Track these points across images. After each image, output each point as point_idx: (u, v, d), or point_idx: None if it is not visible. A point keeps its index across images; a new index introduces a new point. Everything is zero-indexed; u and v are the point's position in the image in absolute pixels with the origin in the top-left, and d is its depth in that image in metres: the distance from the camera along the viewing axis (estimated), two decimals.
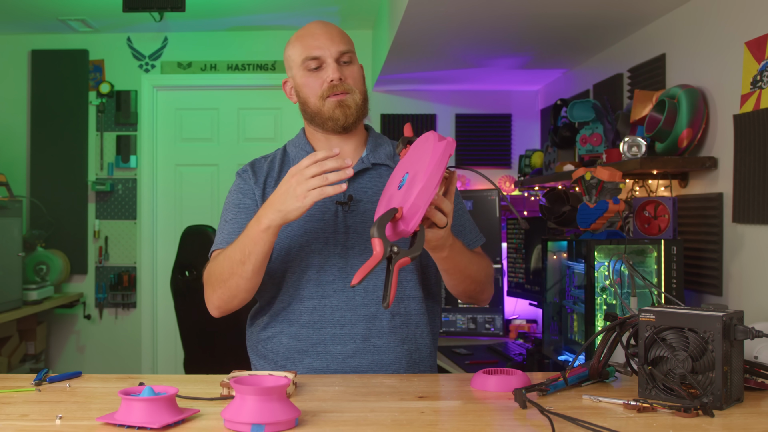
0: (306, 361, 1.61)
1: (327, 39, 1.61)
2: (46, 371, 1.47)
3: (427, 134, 1.40)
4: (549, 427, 1.12)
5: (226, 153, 4.65)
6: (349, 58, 1.63)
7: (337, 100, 1.61)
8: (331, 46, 1.61)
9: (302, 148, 1.71)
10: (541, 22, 3.00)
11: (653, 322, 1.31)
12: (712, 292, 2.45)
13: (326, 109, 1.62)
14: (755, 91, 2.20)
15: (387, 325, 1.62)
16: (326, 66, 1.61)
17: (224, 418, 1.13)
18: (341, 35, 1.64)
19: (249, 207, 1.65)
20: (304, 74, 1.63)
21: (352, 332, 1.60)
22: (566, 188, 2.98)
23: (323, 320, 1.61)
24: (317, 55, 1.60)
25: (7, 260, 3.75)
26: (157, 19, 3.97)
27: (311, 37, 1.62)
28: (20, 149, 4.54)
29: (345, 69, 1.62)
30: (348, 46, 1.64)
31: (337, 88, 1.60)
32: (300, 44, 1.64)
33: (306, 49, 1.62)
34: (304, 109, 1.67)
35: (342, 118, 1.62)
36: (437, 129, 4.58)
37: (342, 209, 1.63)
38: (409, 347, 1.65)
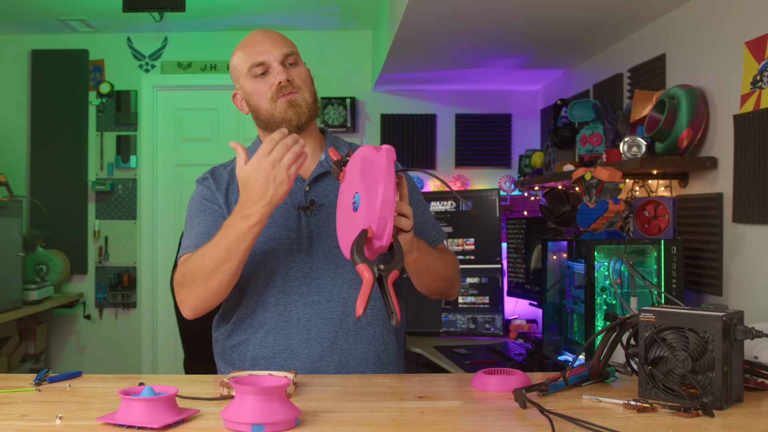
0: (273, 367, 1.62)
1: (269, 44, 1.62)
2: (46, 371, 1.47)
3: (359, 150, 1.41)
4: (549, 427, 1.12)
5: (226, 153, 4.64)
6: (294, 60, 1.64)
7: (288, 101, 1.61)
8: (275, 49, 1.62)
9: None
10: (541, 22, 3.00)
11: (653, 322, 1.31)
12: (712, 292, 2.45)
13: (278, 111, 1.61)
14: (755, 91, 2.20)
15: (353, 327, 1.63)
16: (272, 70, 1.62)
17: (224, 418, 1.13)
18: (283, 39, 1.66)
19: (216, 211, 1.65)
20: (251, 81, 1.63)
21: (319, 336, 1.61)
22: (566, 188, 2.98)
23: (289, 326, 1.61)
24: (262, 60, 1.61)
25: (7, 260, 3.75)
26: (157, 19, 3.97)
27: (254, 44, 1.64)
28: (20, 149, 4.54)
29: (291, 71, 1.63)
30: (291, 48, 1.65)
31: (285, 88, 1.60)
32: (243, 53, 1.65)
33: (250, 56, 1.63)
34: (256, 117, 1.67)
35: (295, 118, 1.62)
36: (437, 129, 4.58)
37: (305, 214, 1.64)
38: (376, 348, 1.66)
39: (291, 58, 1.64)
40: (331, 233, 1.63)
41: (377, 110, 4.55)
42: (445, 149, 4.57)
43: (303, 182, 1.67)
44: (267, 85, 1.62)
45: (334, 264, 1.62)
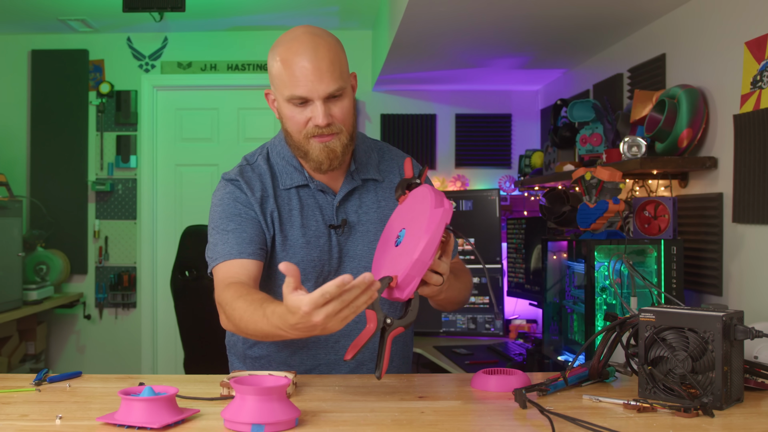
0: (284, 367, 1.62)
1: (315, 78, 1.45)
2: (46, 371, 1.47)
3: (425, 191, 1.36)
4: (549, 427, 1.12)
5: (226, 153, 4.65)
6: (340, 93, 1.49)
7: (323, 144, 1.50)
8: (320, 86, 1.46)
9: (289, 162, 1.61)
10: (541, 22, 3.00)
11: (653, 322, 1.31)
12: (712, 292, 2.45)
13: (311, 149, 1.51)
14: (755, 91, 2.20)
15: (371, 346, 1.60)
16: (313, 105, 1.48)
17: (224, 418, 1.13)
18: (331, 69, 1.47)
19: (253, 218, 1.56)
20: (288, 106, 1.50)
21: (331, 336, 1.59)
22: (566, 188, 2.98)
23: (317, 346, 1.60)
24: (304, 96, 1.47)
25: (7, 260, 3.75)
26: (157, 19, 3.97)
27: (300, 71, 1.46)
28: (20, 149, 4.54)
29: (334, 106, 1.49)
30: (338, 82, 1.48)
31: (323, 131, 1.49)
32: (287, 74, 1.47)
33: (291, 86, 1.47)
34: (286, 135, 1.57)
35: (326, 163, 1.52)
36: (437, 129, 4.57)
37: (335, 233, 1.59)
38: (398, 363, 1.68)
39: (337, 92, 1.49)
40: (359, 253, 1.59)
41: (377, 110, 4.55)
42: (445, 149, 4.57)
43: (333, 197, 1.60)
44: (304, 118, 1.49)
45: None
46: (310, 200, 1.60)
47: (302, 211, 1.59)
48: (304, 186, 1.60)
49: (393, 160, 1.71)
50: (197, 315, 3.78)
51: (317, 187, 1.60)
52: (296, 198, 1.59)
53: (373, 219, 1.62)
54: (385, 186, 1.66)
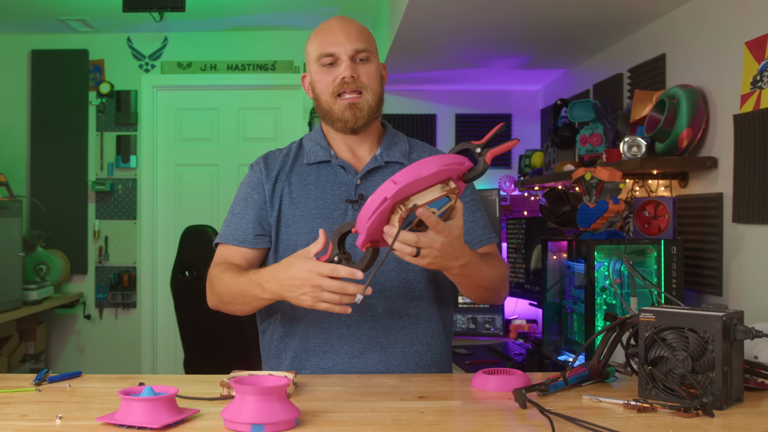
0: (313, 360, 1.61)
1: (343, 36, 1.59)
2: (46, 371, 1.47)
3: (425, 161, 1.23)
4: (549, 427, 1.12)
5: (226, 153, 4.65)
6: (366, 56, 1.61)
7: (349, 103, 1.59)
8: (347, 43, 1.59)
9: (318, 142, 1.70)
10: (541, 22, 3.00)
11: (653, 322, 1.31)
12: (712, 292, 2.45)
13: (337, 108, 1.61)
14: (755, 91, 2.20)
15: (395, 325, 1.60)
16: (340, 63, 1.59)
17: (224, 418, 1.13)
18: (359, 32, 1.61)
19: (256, 201, 1.66)
20: (318, 70, 1.62)
21: (359, 332, 1.60)
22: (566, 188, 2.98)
23: (330, 319, 1.60)
24: (332, 52, 1.59)
25: (7, 260, 3.75)
26: (157, 19, 3.98)
27: (328, 32, 1.61)
28: (20, 149, 4.54)
29: (360, 67, 1.60)
30: (365, 44, 1.61)
31: (348, 85, 1.58)
32: (317, 40, 1.62)
33: (322, 45, 1.60)
34: (317, 105, 1.66)
35: (351, 120, 1.61)
36: (437, 129, 4.57)
37: (352, 207, 1.62)
38: (419, 348, 1.63)
39: (363, 54, 1.60)
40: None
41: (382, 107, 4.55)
42: (445, 149, 4.56)
43: (355, 175, 1.65)
44: (332, 77, 1.60)
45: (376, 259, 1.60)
46: (330, 176, 1.66)
47: (319, 184, 1.65)
48: (326, 162, 1.67)
49: (424, 151, 1.75)
50: (197, 315, 3.78)
51: (339, 164, 1.65)
52: (316, 173, 1.66)
53: None
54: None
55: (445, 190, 1.24)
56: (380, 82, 1.66)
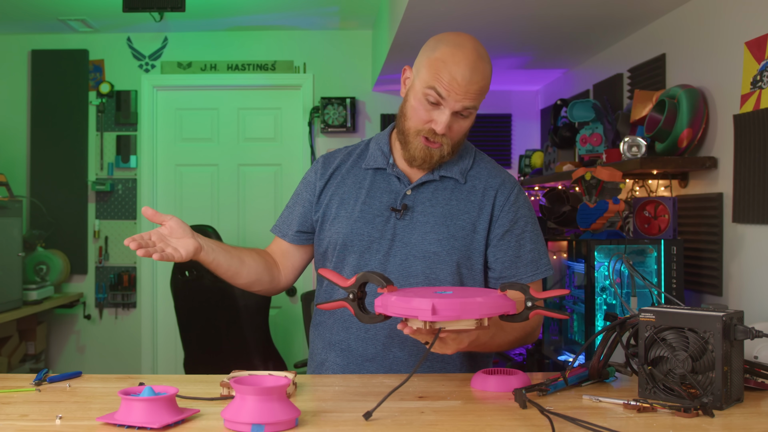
0: (333, 354, 1.64)
1: (462, 90, 1.48)
2: (46, 371, 1.47)
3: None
4: (549, 427, 1.12)
5: (226, 153, 4.65)
6: (469, 114, 1.54)
7: (427, 146, 1.56)
8: (461, 99, 1.49)
9: (381, 147, 1.68)
10: (541, 22, 3.00)
11: (653, 322, 1.31)
12: (712, 292, 2.45)
13: (413, 144, 1.57)
14: (755, 91, 2.20)
15: (411, 338, 1.57)
16: (442, 110, 1.51)
17: (224, 418, 1.13)
18: (478, 91, 1.50)
19: (305, 200, 1.71)
20: (420, 96, 1.53)
21: (375, 338, 1.60)
22: (566, 188, 2.98)
23: (352, 319, 1.62)
24: (443, 96, 1.49)
25: (7, 260, 3.75)
26: (157, 19, 3.97)
27: (451, 78, 1.48)
28: (20, 149, 4.54)
29: (456, 122, 1.53)
30: (475, 101, 1.51)
31: (435, 138, 1.54)
32: (437, 69, 1.50)
33: (437, 80, 1.49)
34: (400, 116, 1.61)
35: (419, 161, 1.58)
36: None
37: (395, 216, 1.61)
38: (432, 364, 1.62)
39: (467, 111, 1.53)
40: (412, 241, 1.60)
41: (377, 110, 4.55)
42: None
43: (408, 185, 1.64)
44: (427, 117, 1.53)
45: (407, 273, 1.60)
46: (383, 183, 1.66)
47: (370, 190, 1.65)
48: (382, 169, 1.67)
49: (486, 169, 1.69)
50: (197, 315, 3.78)
51: (394, 173, 1.65)
52: (370, 178, 1.67)
53: (437, 213, 1.62)
54: (465, 188, 1.64)
55: (476, 325, 1.27)
56: (467, 132, 1.60)
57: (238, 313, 3.61)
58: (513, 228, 1.61)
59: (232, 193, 4.65)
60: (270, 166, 4.61)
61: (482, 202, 1.62)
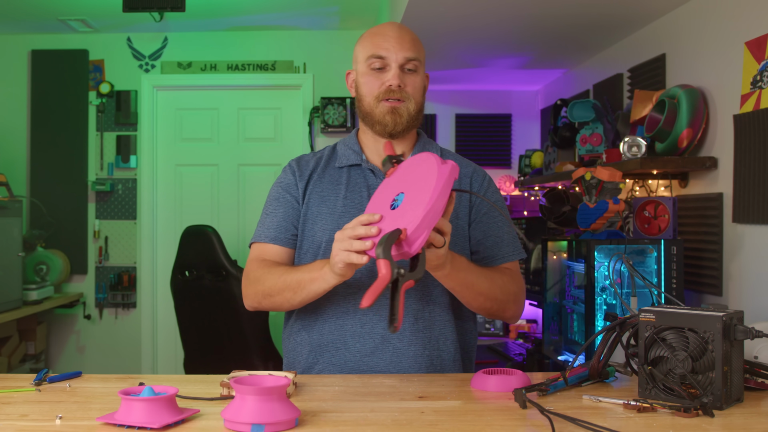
0: (326, 356, 1.62)
1: (396, 42, 1.61)
2: (46, 371, 1.47)
3: (425, 155, 1.38)
4: (549, 427, 1.12)
5: (226, 153, 4.65)
6: (414, 67, 1.62)
7: (391, 106, 1.61)
8: (399, 50, 1.60)
9: (350, 147, 1.73)
10: (541, 22, 3.00)
11: (653, 322, 1.31)
12: (712, 292, 2.45)
13: (378, 112, 1.63)
14: (755, 91, 2.20)
15: (409, 327, 1.61)
16: (389, 69, 1.61)
17: (224, 418, 1.13)
18: (412, 42, 1.63)
19: (288, 201, 1.69)
20: (366, 71, 1.64)
21: (372, 331, 1.60)
22: (566, 188, 2.98)
23: (345, 316, 1.61)
24: (383, 56, 1.61)
25: (7, 260, 3.75)
26: (157, 19, 3.97)
27: (382, 36, 1.62)
28: (20, 149, 4.54)
29: (407, 77, 1.62)
30: (416, 54, 1.62)
31: (393, 93, 1.61)
32: (369, 41, 1.64)
33: (373, 47, 1.62)
34: (359, 105, 1.69)
35: (391, 125, 1.63)
36: (437, 129, 4.57)
37: None
38: (430, 353, 1.63)
39: (411, 64, 1.62)
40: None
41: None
42: None
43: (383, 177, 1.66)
44: (378, 81, 1.62)
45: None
46: (360, 178, 1.69)
47: (348, 185, 1.68)
48: (356, 165, 1.70)
49: (455, 159, 1.76)
50: (197, 315, 3.78)
51: (369, 168, 1.69)
52: (346, 175, 1.70)
53: None
54: None
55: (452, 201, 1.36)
56: (423, 93, 1.68)
57: (238, 313, 3.61)
58: (491, 210, 1.69)
59: (232, 193, 4.65)
60: (270, 166, 4.60)
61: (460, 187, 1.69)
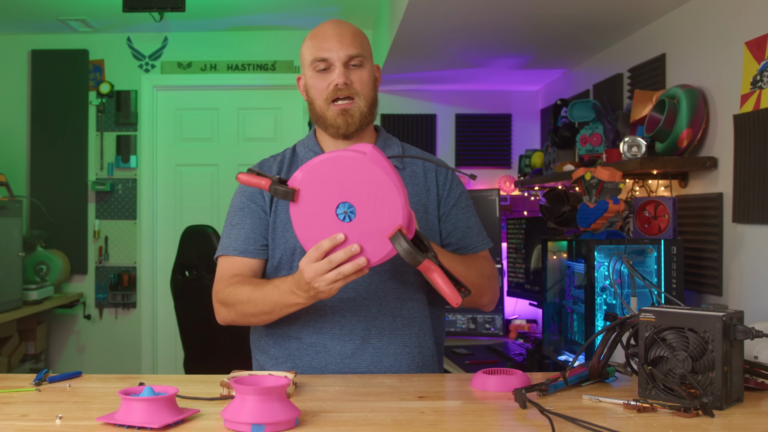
0: (305, 359, 1.61)
1: (337, 41, 1.60)
2: (46, 371, 1.47)
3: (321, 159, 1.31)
4: (549, 427, 1.12)
5: (226, 153, 4.65)
6: (359, 62, 1.61)
7: (341, 109, 1.61)
8: (340, 48, 1.59)
9: (311, 148, 1.72)
10: (541, 22, 3.00)
11: (653, 322, 1.31)
12: (712, 292, 2.45)
13: (329, 114, 1.62)
14: (755, 91, 2.20)
15: (387, 326, 1.61)
16: (333, 68, 1.60)
17: (224, 418, 1.13)
18: (353, 37, 1.62)
19: (254, 211, 1.66)
20: (312, 75, 1.63)
21: (352, 333, 1.60)
22: (566, 188, 2.98)
23: (323, 320, 1.61)
24: (325, 57, 1.60)
25: (7, 260, 3.75)
26: (157, 19, 3.97)
27: (322, 37, 1.61)
28: (20, 149, 4.54)
29: (353, 73, 1.61)
30: (359, 49, 1.61)
31: (341, 92, 1.60)
32: (311, 44, 1.63)
33: (315, 50, 1.61)
34: (311, 109, 1.68)
35: (343, 127, 1.62)
36: (437, 129, 4.57)
37: None
38: (411, 350, 1.63)
39: (356, 60, 1.61)
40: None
41: (377, 110, 4.54)
42: (445, 149, 4.58)
43: None
44: (325, 83, 1.61)
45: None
46: None
47: None
48: None
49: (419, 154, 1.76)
50: (197, 315, 3.78)
51: None
52: None
53: None
54: (404, 174, 1.70)
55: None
56: (373, 86, 1.66)
57: None
58: (458, 202, 1.71)
59: (232, 193, 4.64)
60: None
61: (426, 184, 1.69)
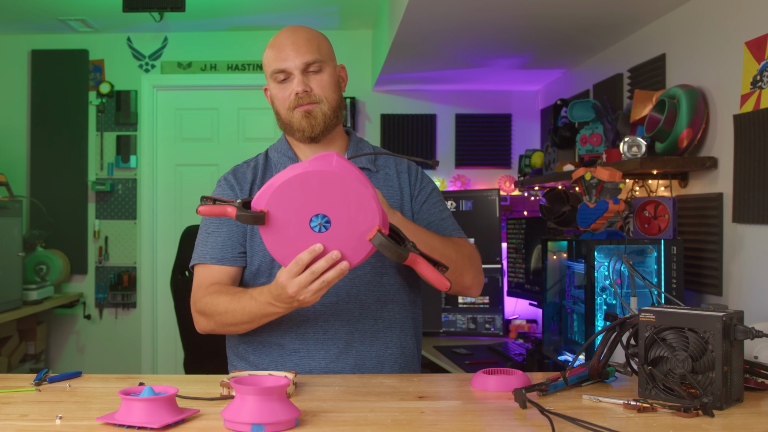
0: (289, 365, 1.61)
1: (292, 50, 1.60)
2: (46, 371, 1.47)
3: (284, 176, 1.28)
4: (549, 427, 1.12)
5: (226, 153, 4.65)
6: (318, 67, 1.62)
7: (304, 111, 1.62)
8: (296, 57, 1.60)
9: (285, 153, 1.72)
10: (541, 22, 3.00)
11: (653, 322, 1.31)
12: (712, 292, 2.45)
13: (294, 119, 1.64)
14: (755, 91, 2.20)
15: (369, 329, 1.62)
16: (292, 78, 1.61)
17: (224, 418, 1.13)
18: (308, 43, 1.62)
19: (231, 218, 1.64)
20: (274, 86, 1.65)
21: (335, 337, 1.60)
22: (566, 188, 2.98)
23: (306, 326, 1.61)
24: (283, 68, 1.61)
25: (7, 260, 3.75)
26: (157, 19, 3.97)
27: (278, 48, 1.62)
28: (20, 149, 4.54)
29: (312, 79, 1.62)
30: (315, 54, 1.61)
31: (302, 99, 1.61)
32: (269, 55, 1.65)
33: (273, 61, 1.63)
34: (277, 118, 1.69)
35: (308, 129, 1.63)
36: (437, 129, 4.57)
37: None
38: (393, 351, 1.65)
39: (314, 66, 1.61)
40: None
41: (377, 110, 4.55)
42: (445, 149, 4.58)
43: None
44: (287, 92, 1.62)
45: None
46: None
47: None
48: None
49: (389, 158, 1.78)
50: None
51: None
52: None
53: None
54: (378, 177, 1.72)
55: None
56: (336, 88, 1.66)
57: None
58: (430, 198, 1.73)
59: None
60: None
61: (400, 185, 1.72)
